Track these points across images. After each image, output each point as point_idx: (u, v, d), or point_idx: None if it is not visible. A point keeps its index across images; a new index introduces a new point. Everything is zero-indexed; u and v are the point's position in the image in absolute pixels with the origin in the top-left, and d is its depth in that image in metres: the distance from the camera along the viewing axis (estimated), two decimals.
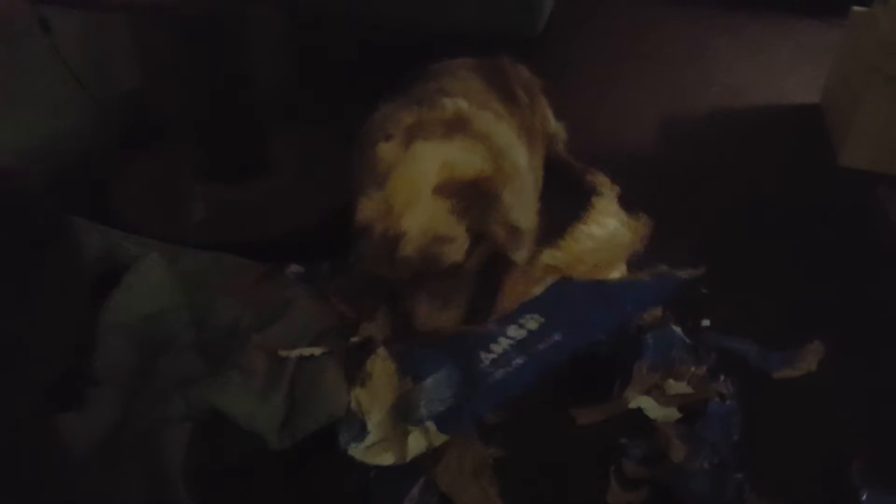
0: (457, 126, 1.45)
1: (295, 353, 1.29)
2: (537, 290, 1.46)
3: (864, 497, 1.19)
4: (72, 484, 1.03)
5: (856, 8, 2.26)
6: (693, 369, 1.37)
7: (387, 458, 1.22)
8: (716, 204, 1.92)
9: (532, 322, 1.41)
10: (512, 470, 1.23)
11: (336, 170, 1.84)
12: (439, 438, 1.24)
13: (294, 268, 1.55)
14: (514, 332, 1.39)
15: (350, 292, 1.45)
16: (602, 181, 1.85)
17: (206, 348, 1.35)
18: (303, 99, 2.25)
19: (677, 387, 1.34)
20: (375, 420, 1.24)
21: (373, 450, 1.22)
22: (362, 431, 1.23)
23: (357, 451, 1.22)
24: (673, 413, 1.31)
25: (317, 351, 1.29)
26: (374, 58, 2.40)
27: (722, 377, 1.36)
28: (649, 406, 1.32)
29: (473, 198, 1.33)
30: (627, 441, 1.27)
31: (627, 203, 1.77)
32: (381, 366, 1.30)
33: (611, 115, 2.30)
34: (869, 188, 1.97)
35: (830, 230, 1.83)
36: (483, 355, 1.34)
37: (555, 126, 1.86)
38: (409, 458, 1.22)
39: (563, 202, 1.74)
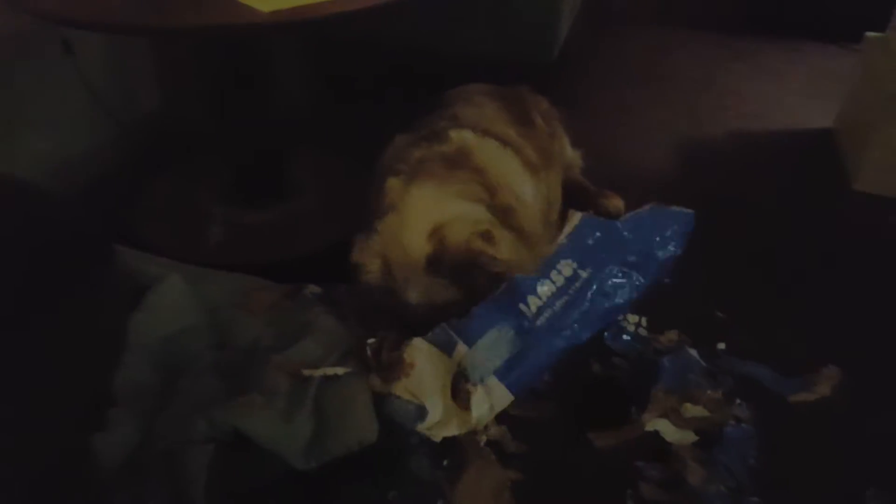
0: (458, 160, 1.48)
1: (318, 372, 1.30)
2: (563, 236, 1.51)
3: None
4: None
5: (870, 34, 2.28)
6: (709, 393, 1.37)
7: (452, 429, 1.27)
8: (732, 228, 1.92)
9: (567, 267, 1.45)
10: (530, 493, 1.24)
11: (354, 194, 1.87)
12: (502, 396, 1.29)
13: (313, 289, 1.56)
14: (554, 276, 1.43)
15: (362, 312, 1.47)
16: (615, 203, 1.87)
17: (227, 369, 1.36)
18: (323, 124, 2.28)
19: (694, 410, 1.34)
20: (432, 399, 1.27)
21: (438, 426, 1.27)
22: (421, 413, 1.26)
23: (423, 429, 1.26)
24: (689, 436, 1.31)
25: (340, 370, 1.31)
26: (394, 84, 2.45)
27: (738, 401, 1.37)
28: (666, 429, 1.32)
29: (465, 267, 1.37)
30: (644, 464, 1.27)
31: None
32: (421, 352, 1.31)
33: (627, 139, 2.32)
34: (883, 213, 1.97)
35: (845, 255, 1.84)
36: (526, 307, 1.37)
37: (572, 155, 1.88)
38: (474, 423, 1.27)
39: None
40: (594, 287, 1.44)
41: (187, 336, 1.37)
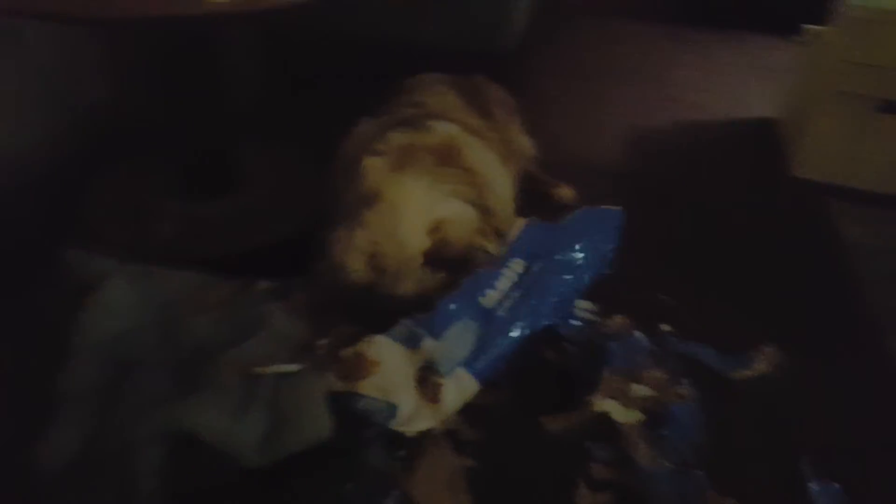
0: (447, 156, 1.49)
1: (271, 370, 1.29)
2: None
3: (815, 488, 1.24)
4: None
5: (808, 27, 2.35)
6: (655, 373, 1.41)
7: (425, 423, 1.28)
8: (676, 213, 1.98)
9: (518, 265, 1.48)
10: (485, 479, 1.26)
11: (307, 186, 1.86)
12: (469, 385, 1.32)
13: (265, 284, 1.54)
14: (508, 272, 1.46)
15: (314, 307, 1.46)
16: (567, 194, 1.90)
17: (177, 367, 1.33)
18: (274, 115, 2.27)
19: (640, 390, 1.37)
20: (401, 397, 1.27)
21: (410, 421, 1.27)
22: (392, 410, 1.26)
23: (397, 427, 1.26)
24: (637, 416, 1.34)
25: (294, 367, 1.29)
26: (347, 74, 2.44)
27: (683, 380, 1.41)
28: (614, 410, 1.35)
29: (462, 262, 1.42)
30: (594, 445, 1.30)
31: None
32: (385, 349, 1.31)
33: (578, 130, 2.36)
34: (820, 198, 2.04)
35: (784, 238, 1.90)
36: (486, 299, 1.40)
37: (526, 144, 1.91)
38: (449, 413, 1.29)
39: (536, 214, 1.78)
40: (546, 280, 1.48)
41: (135, 335, 1.34)
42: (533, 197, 1.88)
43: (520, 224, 1.57)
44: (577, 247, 1.55)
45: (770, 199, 2.07)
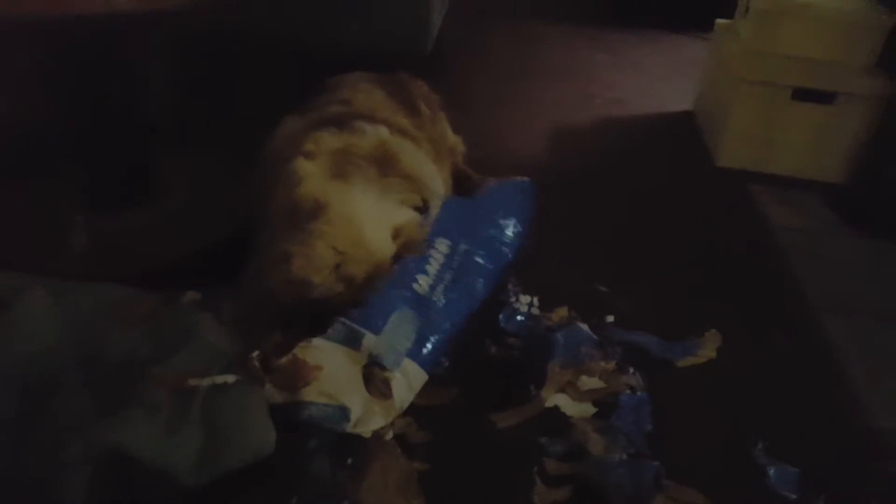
0: (385, 164, 1.47)
1: (206, 381, 1.22)
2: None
3: (772, 472, 1.25)
4: None
5: (719, 21, 2.43)
6: (603, 364, 1.40)
7: (379, 420, 1.25)
8: (606, 207, 1.99)
9: (442, 244, 1.49)
10: (438, 482, 1.21)
11: (226, 192, 1.79)
12: (418, 375, 1.30)
13: (191, 295, 1.46)
14: (435, 254, 1.46)
15: (240, 318, 1.39)
16: None
17: (100, 386, 1.24)
18: (189, 121, 2.16)
19: (590, 382, 1.37)
20: (350, 398, 1.23)
21: (363, 422, 1.23)
22: (344, 413, 1.22)
23: (351, 429, 1.22)
24: (588, 408, 1.33)
25: (230, 378, 1.23)
26: (262, 79, 2.36)
27: (631, 370, 1.40)
28: (565, 403, 1.34)
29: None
30: (547, 440, 1.28)
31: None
32: (325, 353, 1.26)
33: (502, 128, 2.36)
34: (743, 185, 2.10)
35: (712, 225, 1.95)
36: (419, 285, 1.40)
37: (453, 139, 1.89)
38: (398, 408, 1.27)
39: None
40: (475, 256, 1.51)
41: (53, 354, 1.24)
42: (463, 192, 1.86)
43: (437, 193, 1.56)
44: (499, 220, 1.59)
45: (695, 189, 2.12)
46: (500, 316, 1.52)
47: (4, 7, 1.22)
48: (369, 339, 1.29)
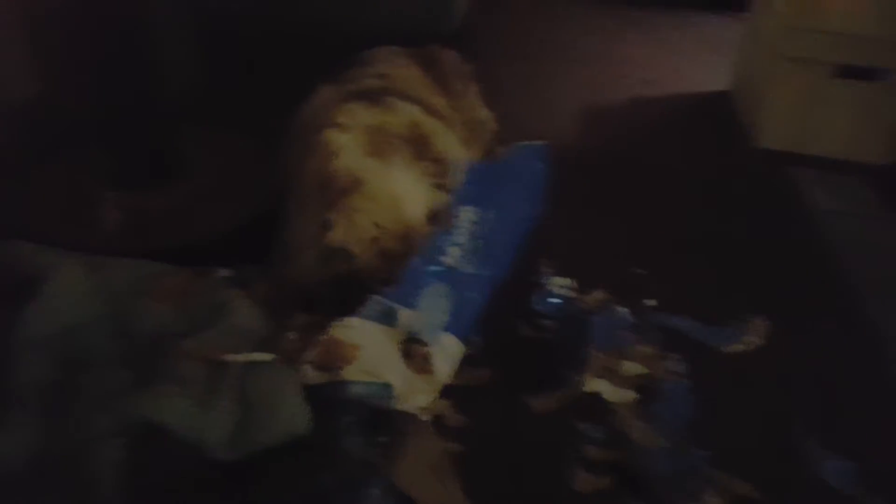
0: (420, 145, 1.48)
1: (241, 358, 1.20)
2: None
3: (827, 465, 1.20)
4: None
5: None
6: (645, 349, 1.36)
7: (424, 396, 1.24)
8: (642, 189, 1.94)
9: (469, 213, 1.47)
10: (472, 464, 1.19)
11: (253, 170, 1.77)
12: (457, 347, 1.30)
13: (223, 272, 1.45)
14: (461, 224, 1.44)
15: (272, 295, 1.39)
16: None
17: (133, 360, 1.25)
18: (216, 99, 2.14)
19: (631, 367, 1.33)
20: (392, 375, 1.21)
21: (406, 398, 1.22)
22: (388, 390, 1.20)
23: (399, 405, 1.21)
24: (629, 394, 1.30)
25: (267, 356, 1.21)
26: (289, 58, 2.33)
27: (674, 355, 1.36)
28: (605, 389, 1.30)
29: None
30: (586, 426, 1.25)
31: (556, 191, 1.77)
32: (362, 332, 1.24)
33: (531, 110, 2.31)
34: (782, 166, 2.05)
35: (751, 208, 1.89)
36: (449, 257, 1.38)
37: (485, 114, 1.84)
38: (441, 381, 1.25)
39: None
40: (503, 224, 1.49)
41: (89, 327, 1.25)
42: None
43: (461, 169, 1.54)
44: (521, 186, 1.58)
45: (733, 171, 2.06)
46: (533, 297, 1.49)
47: None
48: (405, 315, 1.27)
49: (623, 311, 1.44)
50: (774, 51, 2.08)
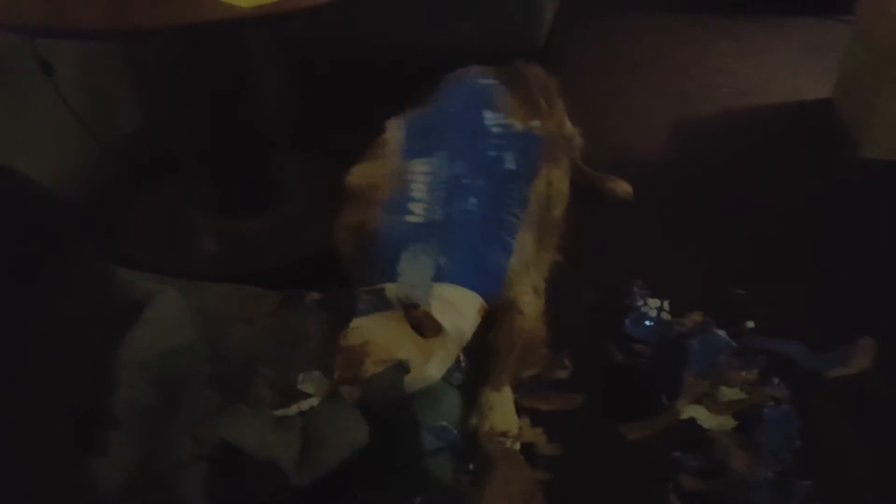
0: None
1: (293, 410, 1.20)
2: None
3: None
4: None
5: None
6: (744, 374, 1.30)
7: (447, 355, 1.23)
8: (739, 205, 1.86)
9: (420, 165, 1.42)
10: (563, 493, 1.16)
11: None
12: (461, 295, 1.25)
13: (313, 295, 1.48)
14: (415, 178, 1.40)
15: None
16: (624, 187, 1.81)
17: (225, 383, 1.29)
18: (306, 126, 2.20)
19: (730, 393, 1.27)
20: (401, 350, 1.20)
21: (429, 366, 1.21)
22: (401, 368, 1.19)
23: (417, 379, 1.20)
24: (728, 421, 1.24)
25: (314, 402, 1.21)
26: (378, 81, 2.37)
27: (775, 381, 1.30)
28: (702, 416, 1.25)
29: None
30: (682, 454, 1.20)
31: (648, 209, 1.73)
32: (365, 328, 1.23)
33: (620, 123, 2.26)
34: (894, 178, 1.92)
35: (861, 222, 1.78)
36: (413, 215, 1.35)
37: (571, 129, 1.82)
38: (455, 334, 1.23)
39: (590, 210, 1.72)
40: (460, 161, 1.42)
41: (185, 350, 1.29)
42: (584, 191, 1.79)
43: (397, 127, 1.51)
44: (462, 121, 1.50)
45: (838, 182, 1.95)
46: (626, 321, 1.45)
47: (140, 21, 1.25)
48: (391, 289, 1.24)
49: (721, 333, 1.38)
50: (887, 54, 1.96)
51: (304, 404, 1.21)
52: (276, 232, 1.77)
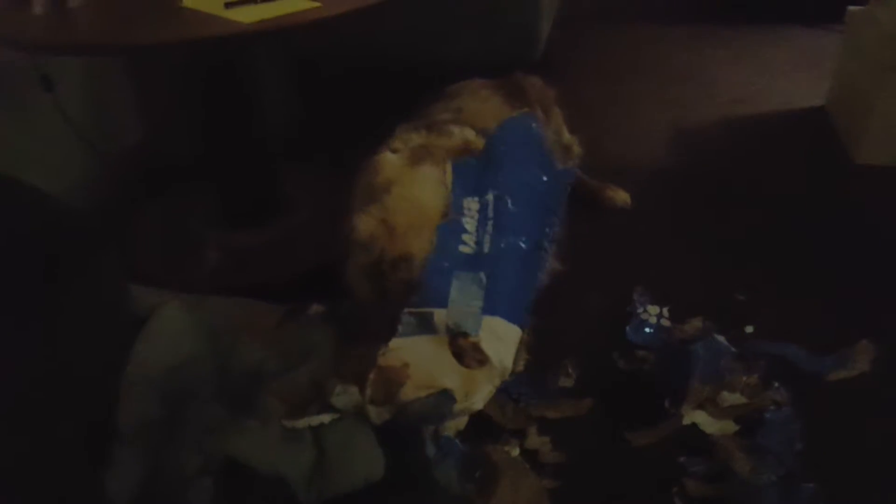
0: (464, 152, 1.48)
1: (302, 423, 1.18)
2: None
3: None
4: None
5: (852, 8, 2.26)
6: (745, 378, 1.31)
7: (488, 388, 1.22)
8: (736, 211, 1.88)
9: (471, 202, 1.43)
10: (569, 501, 1.17)
11: (346, 206, 1.82)
12: (507, 330, 1.26)
13: (316, 308, 1.48)
14: (466, 212, 1.41)
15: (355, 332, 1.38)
16: (622, 196, 1.83)
17: (230, 397, 1.28)
18: (310, 138, 2.22)
19: (731, 398, 1.28)
20: (447, 378, 1.18)
21: (470, 396, 1.20)
22: (447, 396, 1.18)
23: (461, 408, 1.20)
24: (730, 426, 1.25)
25: (327, 418, 1.19)
26: (378, 94, 2.39)
27: (775, 384, 1.31)
28: (704, 421, 1.26)
29: None
30: (687, 459, 1.21)
31: (646, 216, 1.73)
32: (406, 350, 1.22)
33: (618, 132, 2.28)
34: (886, 184, 1.94)
35: (856, 227, 1.80)
36: (465, 246, 1.36)
37: (568, 138, 1.83)
38: (500, 368, 1.22)
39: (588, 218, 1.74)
40: (508, 197, 1.45)
41: (191, 364, 1.29)
42: (582, 200, 1.81)
43: (449, 167, 1.50)
44: (518, 160, 1.53)
45: (833, 188, 1.97)
46: (627, 328, 1.46)
47: (144, 37, 1.26)
48: (440, 315, 1.24)
49: (722, 339, 1.39)
50: (877, 62, 1.99)
51: (315, 420, 1.19)
52: (278, 244, 1.77)
